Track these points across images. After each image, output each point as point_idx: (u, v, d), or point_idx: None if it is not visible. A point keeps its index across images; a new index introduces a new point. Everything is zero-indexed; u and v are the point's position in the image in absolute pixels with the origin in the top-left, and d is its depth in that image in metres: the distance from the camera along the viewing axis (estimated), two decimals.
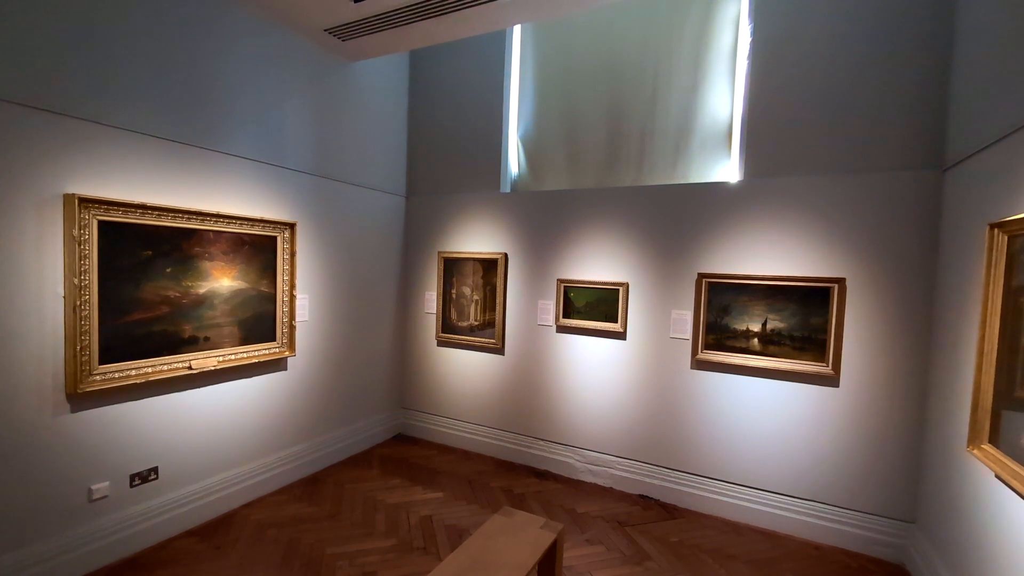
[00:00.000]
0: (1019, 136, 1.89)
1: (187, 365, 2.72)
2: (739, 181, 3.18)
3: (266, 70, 3.13)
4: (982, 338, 1.93)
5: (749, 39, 3.13)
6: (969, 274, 2.26)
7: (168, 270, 2.61)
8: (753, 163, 3.14)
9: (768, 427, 3.09)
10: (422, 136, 4.37)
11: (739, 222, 3.16)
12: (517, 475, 3.78)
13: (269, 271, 3.13)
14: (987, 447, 1.91)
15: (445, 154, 4.26)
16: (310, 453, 3.62)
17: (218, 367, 2.86)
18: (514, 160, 4.11)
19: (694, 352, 3.28)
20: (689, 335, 3.31)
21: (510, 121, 4.04)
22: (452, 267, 4.18)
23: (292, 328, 3.27)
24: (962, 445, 2.16)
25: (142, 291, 2.50)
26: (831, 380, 2.91)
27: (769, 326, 3.06)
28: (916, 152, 2.73)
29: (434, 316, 4.30)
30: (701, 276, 3.24)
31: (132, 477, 2.57)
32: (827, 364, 2.90)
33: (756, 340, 3.10)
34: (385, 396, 4.38)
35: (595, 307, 3.63)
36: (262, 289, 3.09)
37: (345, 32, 3.14)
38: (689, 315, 3.31)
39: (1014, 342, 1.80)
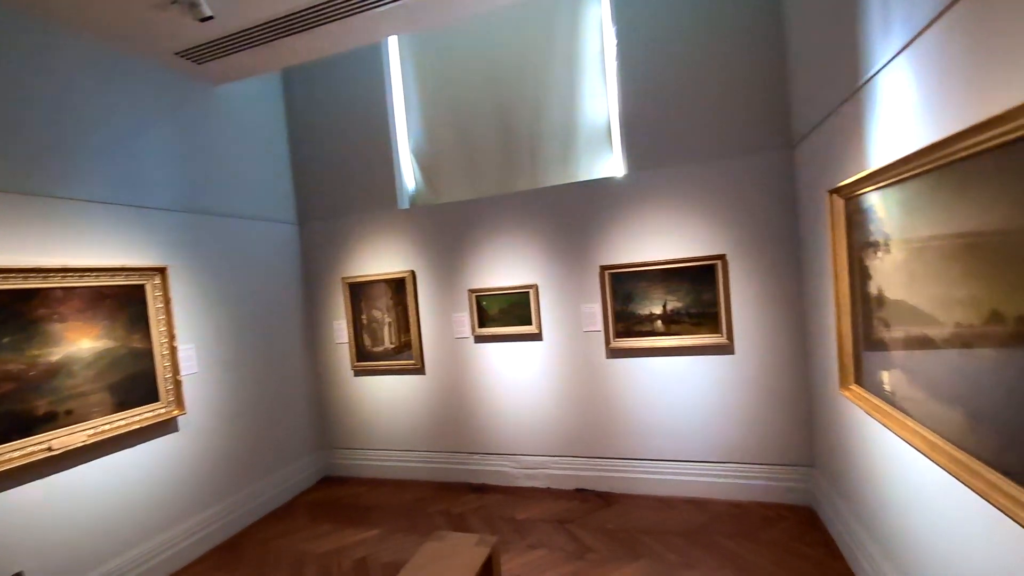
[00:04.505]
0: (841, 111, 2.16)
1: (46, 447, 2.33)
2: (624, 175, 3.35)
3: (114, 101, 2.80)
4: (836, 291, 2.17)
5: (614, 41, 3.32)
6: (822, 237, 2.55)
7: (5, 340, 2.22)
8: (633, 157, 3.32)
9: (681, 401, 3.27)
10: (307, 159, 4.15)
11: (630, 213, 3.33)
12: (455, 494, 3.68)
13: (141, 324, 2.78)
14: (854, 387, 2.14)
15: (335, 175, 4.07)
16: (224, 516, 3.26)
17: (89, 442, 2.48)
18: (409, 175, 4.03)
19: (607, 342, 3.40)
20: (600, 326, 3.42)
21: (398, 135, 3.95)
22: (359, 292, 3.99)
23: (178, 383, 2.93)
24: (836, 388, 2.41)
25: None
26: (727, 348, 3.14)
27: (669, 307, 3.24)
28: (771, 133, 3.03)
29: (346, 346, 4.07)
30: (603, 268, 3.36)
31: None
32: (722, 335, 3.13)
33: (660, 322, 3.27)
34: (305, 439, 4.08)
35: (509, 312, 3.64)
36: (134, 345, 2.74)
37: (198, 54, 2.89)
38: (598, 307, 3.43)
39: (863, 292, 2.04)
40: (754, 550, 2.65)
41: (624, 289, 3.34)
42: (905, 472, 1.80)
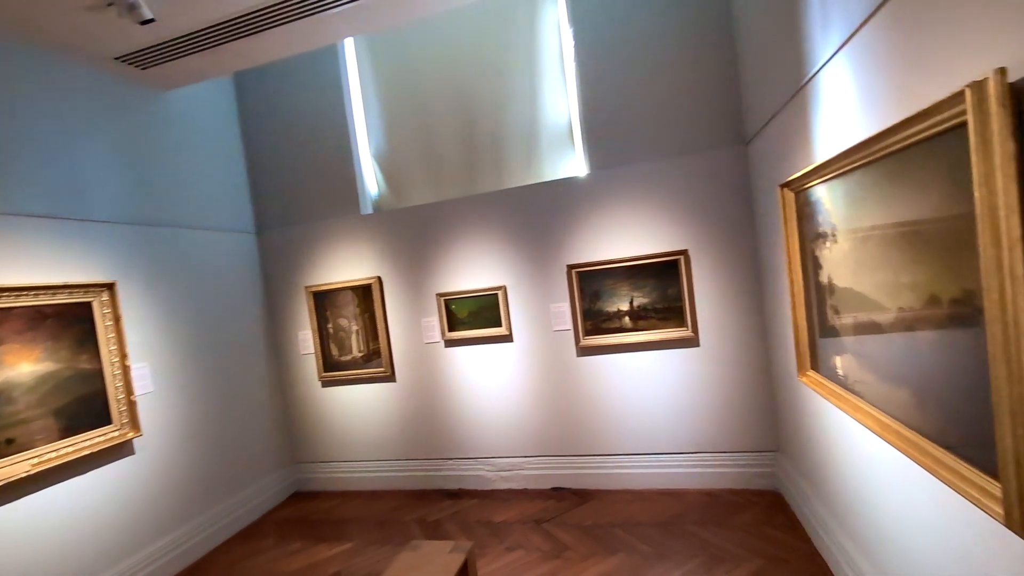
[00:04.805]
0: (788, 108, 2.24)
1: None
2: (587, 174, 3.38)
3: (49, 109, 2.65)
4: (791, 281, 2.25)
5: (572, 43, 3.36)
6: (776, 229, 2.63)
7: None
8: (595, 156, 3.36)
9: (651, 395, 3.32)
10: (264, 166, 4.02)
11: (594, 211, 3.36)
12: (431, 501, 3.63)
13: (89, 343, 2.63)
14: (811, 373, 2.23)
15: (294, 182, 3.96)
16: (188, 539, 3.12)
17: (33, 472, 2.33)
18: (371, 179, 3.97)
19: (577, 340, 3.42)
20: (570, 325, 3.45)
21: (359, 140, 3.88)
22: (324, 300, 3.90)
23: (132, 404, 2.79)
24: (795, 375, 2.50)
25: None
26: (693, 342, 3.21)
27: (636, 303, 3.30)
28: (726, 131, 3.12)
29: (313, 356, 3.97)
30: (570, 267, 3.39)
31: None
32: (688, 328, 3.20)
33: (627, 318, 3.32)
34: (272, 454, 3.95)
35: (479, 315, 3.62)
36: (82, 366, 2.59)
37: (141, 59, 2.76)
38: (567, 307, 3.45)
39: (816, 281, 2.12)
40: (725, 536, 2.71)
41: (591, 287, 3.37)
42: (860, 452, 1.88)
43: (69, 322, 2.56)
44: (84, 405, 2.59)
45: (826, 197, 1.85)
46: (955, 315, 1.18)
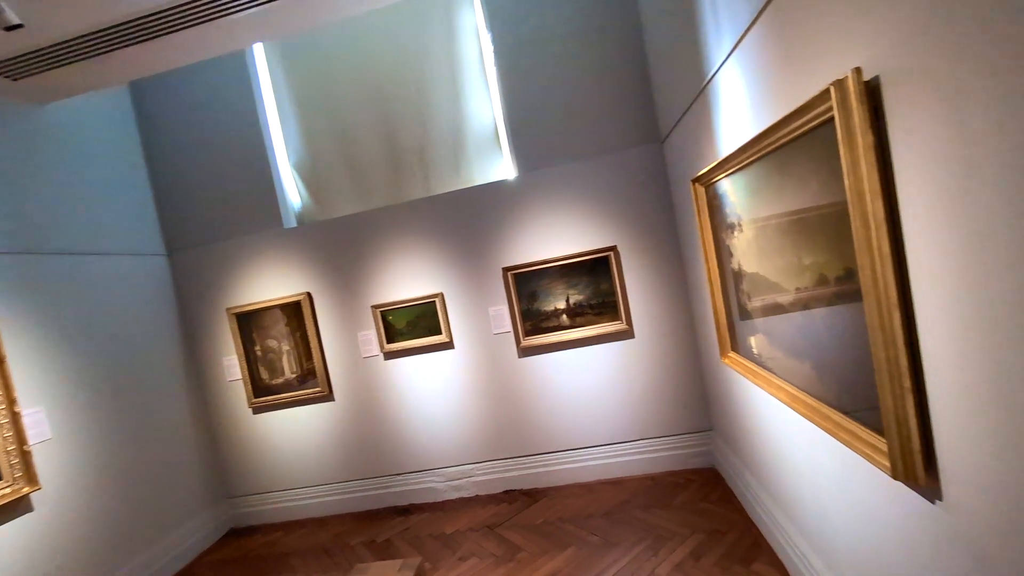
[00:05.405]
0: (694, 108, 2.38)
1: None
2: (515, 177, 3.43)
3: None
4: (708, 270, 2.40)
5: (492, 47, 3.39)
6: (692, 222, 2.80)
7: None
8: (523, 158, 3.41)
9: (593, 388, 3.41)
10: (172, 182, 3.73)
11: (525, 213, 3.41)
12: (380, 521, 3.51)
13: None
14: (732, 354, 2.38)
15: (207, 197, 3.71)
16: None
17: None
18: (293, 190, 3.79)
19: (518, 342, 3.45)
20: (510, 327, 3.47)
21: (276, 149, 3.70)
22: (248, 322, 3.67)
23: (26, 455, 2.48)
24: (719, 357, 2.66)
25: None
26: (628, 334, 3.34)
27: (572, 300, 3.37)
28: (643, 130, 3.27)
29: (240, 382, 3.72)
30: (505, 270, 3.41)
31: None
32: (623, 321, 3.32)
33: (565, 316, 3.39)
34: (201, 492, 3.65)
35: (417, 324, 3.56)
36: None
37: (11, 69, 2.47)
38: (505, 309, 3.47)
39: (729, 268, 2.26)
40: (667, 517, 2.83)
41: (528, 288, 3.42)
42: (776, 422, 2.04)
43: None
44: None
45: (731, 190, 1.99)
46: (841, 292, 1.30)
